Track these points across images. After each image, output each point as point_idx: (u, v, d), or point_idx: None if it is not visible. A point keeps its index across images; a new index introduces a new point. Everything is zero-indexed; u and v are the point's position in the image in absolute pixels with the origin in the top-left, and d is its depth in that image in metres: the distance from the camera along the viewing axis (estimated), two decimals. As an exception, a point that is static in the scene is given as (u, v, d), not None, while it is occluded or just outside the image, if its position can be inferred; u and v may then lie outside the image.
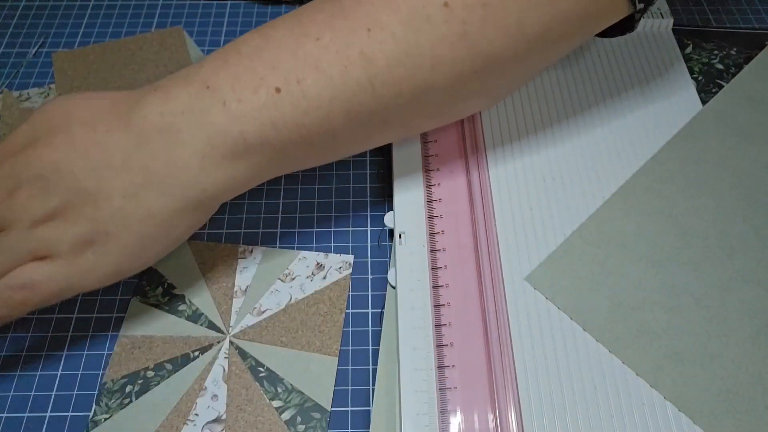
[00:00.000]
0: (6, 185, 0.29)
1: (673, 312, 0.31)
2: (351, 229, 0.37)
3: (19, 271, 0.28)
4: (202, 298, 0.34)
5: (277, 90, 0.29)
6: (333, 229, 0.37)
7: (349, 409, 0.31)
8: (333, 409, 0.31)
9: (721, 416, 0.28)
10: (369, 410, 0.31)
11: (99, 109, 0.30)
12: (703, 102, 0.39)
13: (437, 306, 0.31)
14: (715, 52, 0.44)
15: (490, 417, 0.28)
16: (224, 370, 0.32)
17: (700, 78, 0.42)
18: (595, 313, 0.31)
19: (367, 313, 0.34)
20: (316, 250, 0.36)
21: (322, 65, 0.29)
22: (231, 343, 0.33)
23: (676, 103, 0.39)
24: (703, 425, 0.28)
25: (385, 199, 0.38)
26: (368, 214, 0.37)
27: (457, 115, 0.34)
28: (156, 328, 0.33)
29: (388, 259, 0.36)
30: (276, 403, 0.31)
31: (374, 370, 0.32)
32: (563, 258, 0.33)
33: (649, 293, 0.32)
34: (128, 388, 0.31)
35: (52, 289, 0.29)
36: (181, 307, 0.34)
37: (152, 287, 0.34)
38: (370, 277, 0.35)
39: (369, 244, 0.36)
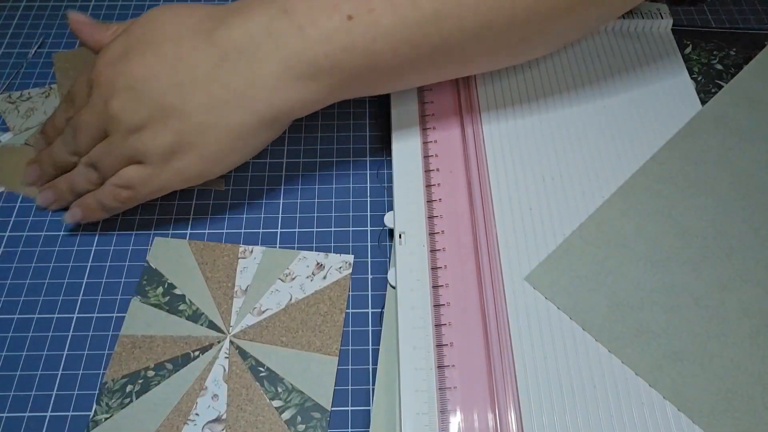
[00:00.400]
0: (103, 93, 0.32)
1: (672, 312, 0.31)
2: (351, 229, 0.37)
3: (122, 172, 0.33)
4: (202, 298, 0.34)
5: (350, 17, 0.31)
6: (333, 229, 0.37)
7: (349, 408, 0.31)
8: (333, 408, 0.31)
9: (720, 416, 0.29)
10: (369, 410, 0.31)
11: (187, 26, 0.33)
12: (703, 102, 0.39)
13: (437, 306, 0.31)
14: (715, 52, 0.44)
15: (490, 416, 0.28)
16: (224, 370, 0.32)
17: (699, 78, 0.42)
18: (595, 312, 0.31)
19: (367, 313, 0.34)
20: (316, 250, 0.36)
21: None
22: (231, 342, 0.33)
23: (676, 103, 0.39)
24: (702, 425, 0.28)
25: (385, 199, 0.38)
26: (368, 214, 0.37)
27: (514, 57, 0.36)
28: (156, 328, 0.33)
29: (388, 259, 0.36)
30: (276, 403, 0.31)
31: (374, 370, 0.32)
32: (563, 258, 0.33)
33: (649, 293, 0.32)
34: (129, 388, 0.31)
35: (148, 189, 0.34)
36: (182, 307, 0.34)
37: (153, 287, 0.34)
38: (370, 277, 0.35)
39: (369, 244, 0.36)
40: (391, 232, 0.36)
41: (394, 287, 0.33)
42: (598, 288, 0.32)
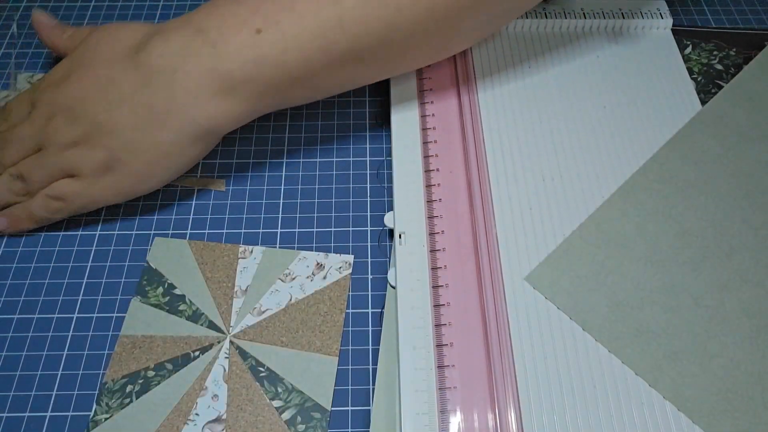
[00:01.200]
0: (46, 112, 0.34)
1: (672, 312, 0.31)
2: (351, 229, 0.37)
3: (55, 185, 0.34)
4: (202, 298, 0.34)
5: (258, 31, 0.32)
6: (333, 229, 0.37)
7: (349, 408, 0.31)
8: (333, 408, 0.31)
9: (719, 415, 0.29)
10: (369, 410, 0.31)
11: (119, 48, 0.35)
12: (703, 102, 0.40)
13: (437, 306, 0.31)
14: (715, 52, 0.44)
15: (490, 416, 0.28)
16: (224, 370, 0.32)
17: (699, 78, 0.42)
18: (595, 312, 0.31)
19: (367, 313, 0.34)
20: (316, 250, 0.36)
21: (297, 7, 0.32)
22: (231, 342, 0.33)
23: (676, 103, 0.39)
24: (702, 424, 0.28)
25: (385, 199, 0.38)
26: (368, 214, 0.37)
27: (430, 56, 0.37)
28: (156, 328, 0.33)
29: (388, 259, 0.36)
30: (276, 403, 0.31)
31: (374, 370, 0.32)
32: (562, 258, 0.33)
33: (648, 293, 0.32)
34: (129, 388, 0.31)
35: (80, 203, 0.35)
36: (182, 307, 0.34)
37: (152, 287, 0.34)
38: (370, 277, 0.35)
39: (369, 244, 0.36)
40: (391, 232, 0.36)
41: (394, 287, 0.33)
42: (598, 288, 0.32)
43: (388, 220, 0.35)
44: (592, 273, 0.32)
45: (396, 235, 0.34)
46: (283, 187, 0.38)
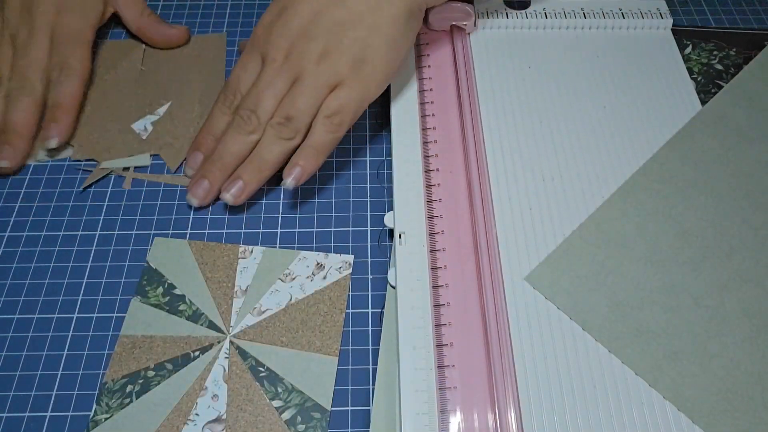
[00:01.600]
0: (283, 47, 0.36)
1: (672, 312, 0.31)
2: (351, 229, 0.37)
3: (327, 103, 0.36)
4: (202, 298, 0.34)
5: None
6: (333, 229, 0.37)
7: (349, 408, 0.31)
8: (333, 408, 0.31)
9: (719, 416, 0.29)
10: (369, 410, 0.31)
11: None
12: (703, 102, 0.40)
13: (437, 306, 0.31)
14: (715, 52, 0.44)
15: (490, 416, 0.28)
16: (224, 370, 0.32)
17: (699, 78, 0.42)
18: (595, 312, 0.31)
19: (367, 313, 0.34)
20: (316, 250, 0.36)
21: None
22: (231, 343, 0.33)
23: (676, 103, 0.39)
24: (702, 424, 0.28)
25: (385, 199, 0.38)
26: (368, 214, 0.37)
27: None
28: (156, 328, 0.33)
29: (388, 259, 0.36)
30: (276, 403, 0.31)
31: (374, 370, 0.32)
32: (562, 258, 0.33)
33: (649, 293, 0.32)
34: (129, 388, 0.31)
35: (354, 106, 0.36)
36: (182, 307, 0.34)
37: (152, 287, 0.34)
38: (370, 277, 0.35)
39: (369, 244, 0.36)
40: (391, 232, 0.36)
41: (394, 287, 0.33)
42: (598, 288, 0.32)
43: (388, 220, 0.35)
44: (592, 273, 0.32)
45: (396, 235, 0.34)
46: (283, 187, 0.38)
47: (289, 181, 0.35)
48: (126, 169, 0.39)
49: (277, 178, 0.39)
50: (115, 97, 0.42)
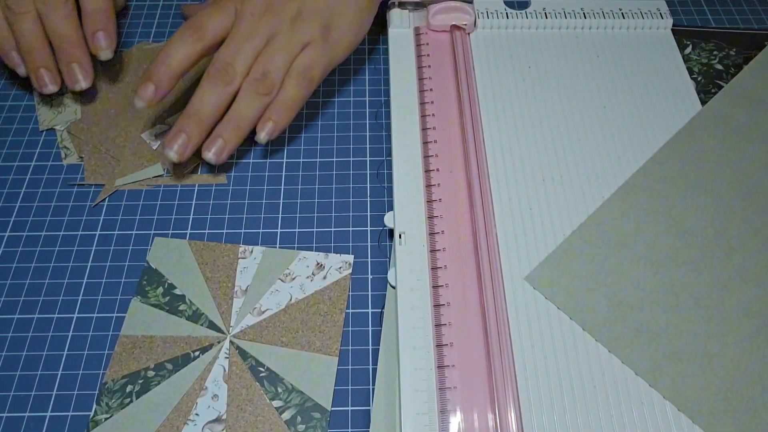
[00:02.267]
0: (260, 2, 0.38)
1: (672, 312, 0.31)
2: (351, 229, 0.37)
3: (300, 60, 0.38)
4: (202, 298, 0.34)
5: None
6: (333, 229, 0.37)
7: (349, 408, 0.31)
8: (333, 408, 0.31)
9: (720, 416, 0.29)
10: (369, 410, 0.31)
11: None
12: (703, 102, 0.39)
13: (437, 306, 0.31)
14: (715, 52, 0.44)
15: (490, 416, 0.28)
16: (225, 370, 0.32)
17: (699, 78, 0.42)
18: (595, 312, 0.31)
19: (367, 313, 0.34)
20: (316, 250, 0.36)
21: None
22: (231, 343, 0.33)
23: (676, 103, 0.39)
24: (702, 424, 0.28)
25: (385, 199, 0.38)
26: (368, 214, 0.37)
27: None
28: (156, 328, 0.33)
29: (388, 259, 0.36)
30: (276, 403, 0.31)
31: (374, 370, 0.32)
32: (563, 258, 0.33)
33: (649, 293, 0.32)
34: (129, 388, 0.31)
35: (322, 66, 0.38)
36: (182, 307, 0.34)
37: (152, 287, 0.34)
38: (370, 277, 0.35)
39: (369, 244, 0.36)
40: (391, 232, 0.36)
41: (394, 287, 0.33)
42: (598, 288, 0.32)
43: (388, 220, 0.35)
44: (592, 273, 0.32)
45: (396, 235, 0.34)
46: (283, 187, 0.38)
47: (263, 135, 0.37)
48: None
49: (276, 178, 0.39)
50: (125, 107, 0.42)
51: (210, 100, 0.36)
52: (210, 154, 0.37)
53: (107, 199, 0.38)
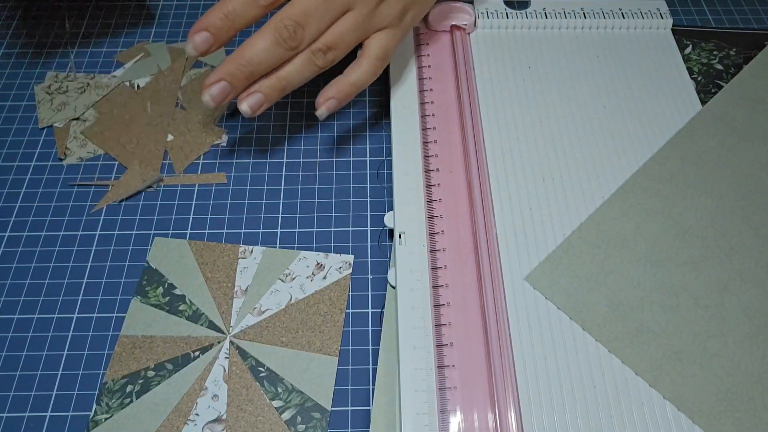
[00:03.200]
0: None
1: (672, 311, 0.31)
2: (351, 229, 0.37)
3: (375, 41, 0.37)
4: (202, 298, 0.34)
5: None
6: (333, 229, 0.37)
7: (349, 408, 0.31)
8: (333, 408, 0.31)
9: (720, 415, 0.29)
10: (369, 410, 0.31)
11: None
12: (703, 102, 0.39)
13: (437, 306, 0.31)
14: (715, 52, 0.44)
15: (490, 416, 0.28)
16: (225, 370, 0.32)
17: (699, 78, 0.42)
18: (595, 312, 0.31)
19: (367, 313, 0.34)
20: (316, 250, 0.36)
21: None
22: (231, 343, 0.33)
23: (676, 103, 0.39)
24: (702, 424, 0.28)
25: (385, 199, 0.38)
26: (368, 214, 0.37)
27: None
28: (156, 328, 0.33)
29: (388, 259, 0.36)
30: (276, 403, 0.31)
31: (374, 370, 0.32)
32: (562, 258, 0.33)
33: (648, 293, 0.32)
34: (129, 388, 0.31)
35: (393, 48, 0.38)
36: (182, 307, 0.34)
37: (152, 287, 0.34)
38: (370, 277, 0.35)
39: (369, 244, 0.36)
40: (391, 232, 0.36)
41: (394, 287, 0.33)
42: (598, 288, 0.32)
43: (388, 220, 0.35)
44: (591, 273, 0.32)
45: (396, 235, 0.34)
46: (283, 187, 0.38)
47: (324, 111, 0.36)
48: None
49: (276, 178, 0.39)
50: (139, 114, 0.42)
51: (267, 57, 0.34)
52: (246, 107, 0.35)
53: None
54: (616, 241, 0.33)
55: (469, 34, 0.43)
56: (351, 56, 0.37)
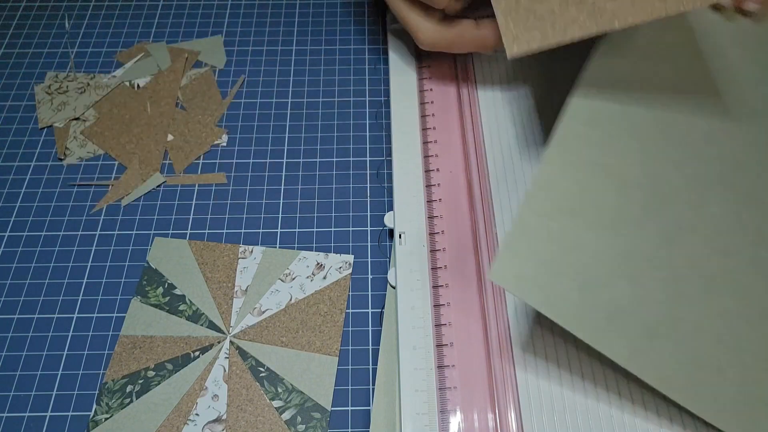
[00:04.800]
0: None
1: (629, 279, 0.28)
2: (351, 229, 0.37)
3: None
4: (202, 298, 0.34)
5: None
6: (333, 229, 0.37)
7: (349, 408, 0.31)
8: (333, 408, 0.31)
9: (696, 388, 0.27)
10: (369, 410, 0.31)
11: None
12: None
13: (437, 306, 0.31)
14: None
15: (490, 416, 0.28)
16: (225, 370, 0.32)
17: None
18: (566, 301, 0.28)
19: (367, 313, 0.34)
20: (316, 250, 0.36)
21: None
22: (231, 343, 0.33)
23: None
24: (682, 401, 0.27)
25: (385, 199, 0.38)
26: (368, 214, 0.37)
27: None
28: (156, 328, 0.33)
29: (388, 259, 0.36)
30: (276, 403, 0.31)
31: (374, 370, 0.32)
32: (521, 242, 0.28)
33: (609, 264, 0.29)
34: (129, 388, 0.31)
35: None
36: (182, 307, 0.34)
37: (152, 287, 0.34)
38: (370, 277, 0.35)
39: (369, 244, 0.36)
40: (391, 232, 0.36)
41: (394, 287, 0.33)
42: (564, 271, 0.28)
43: (388, 220, 0.35)
44: (553, 254, 0.29)
45: (396, 235, 0.34)
46: (283, 187, 0.38)
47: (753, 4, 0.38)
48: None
49: (276, 178, 0.39)
50: (140, 113, 0.42)
51: None
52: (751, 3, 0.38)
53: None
54: (565, 209, 0.29)
55: (469, 34, 0.43)
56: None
